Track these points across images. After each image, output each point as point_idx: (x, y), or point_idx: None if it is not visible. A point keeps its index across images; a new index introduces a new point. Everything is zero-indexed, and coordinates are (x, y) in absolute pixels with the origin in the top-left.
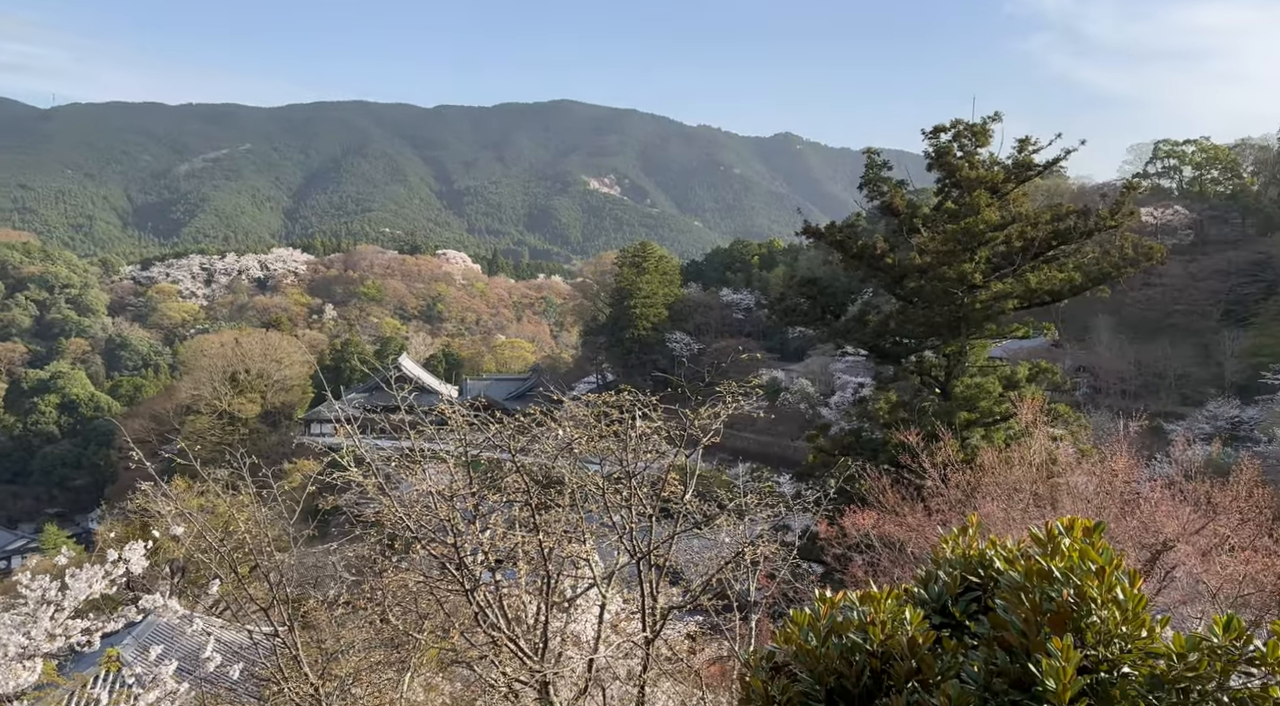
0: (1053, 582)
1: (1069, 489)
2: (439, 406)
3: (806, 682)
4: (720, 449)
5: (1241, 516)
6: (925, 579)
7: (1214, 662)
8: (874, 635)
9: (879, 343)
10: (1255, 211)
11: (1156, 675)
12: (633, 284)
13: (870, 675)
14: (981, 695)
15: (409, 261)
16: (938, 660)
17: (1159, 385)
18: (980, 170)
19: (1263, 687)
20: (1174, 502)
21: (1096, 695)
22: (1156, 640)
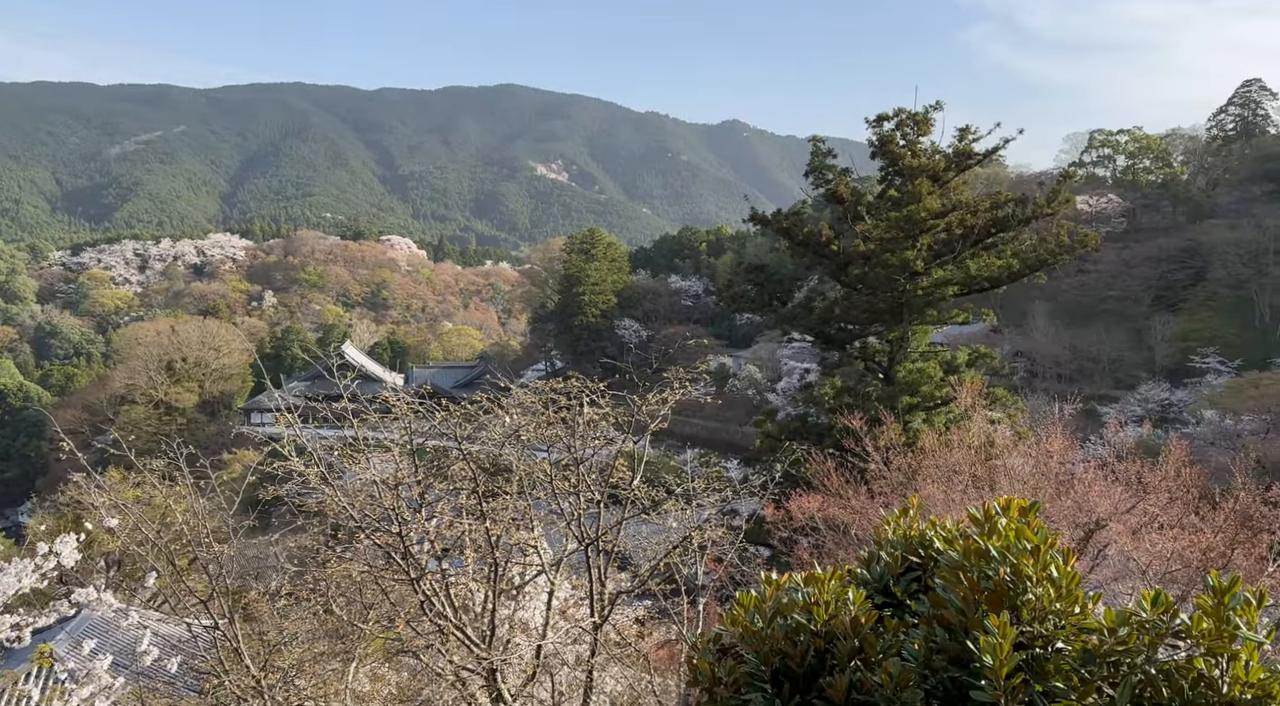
0: (990, 561)
1: (1006, 470)
2: (383, 394)
3: (752, 663)
4: (669, 435)
5: (1170, 495)
6: (868, 560)
7: (1143, 636)
8: (818, 615)
9: (824, 329)
10: (1185, 200)
11: (1089, 649)
12: (581, 271)
13: (814, 655)
14: (922, 672)
15: (352, 247)
16: (880, 639)
17: (1093, 369)
18: (922, 158)
19: (1188, 659)
20: (1106, 483)
21: (1032, 670)
22: (1089, 616)
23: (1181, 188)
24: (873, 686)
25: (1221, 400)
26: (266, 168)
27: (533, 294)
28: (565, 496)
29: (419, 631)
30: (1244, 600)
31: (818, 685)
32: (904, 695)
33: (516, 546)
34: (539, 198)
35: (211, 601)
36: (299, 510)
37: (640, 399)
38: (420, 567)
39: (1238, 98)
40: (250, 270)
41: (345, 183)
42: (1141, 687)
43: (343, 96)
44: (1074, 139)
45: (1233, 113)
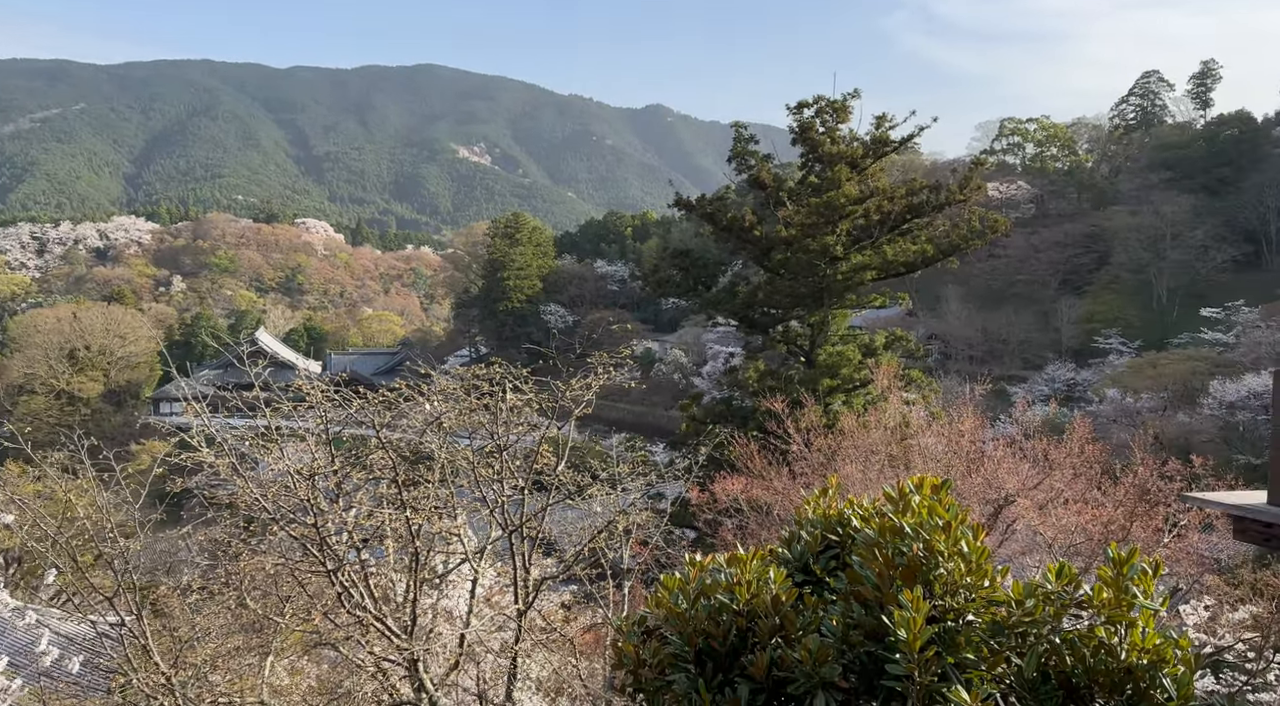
0: (904, 538)
1: (921, 450)
2: (296, 382)
3: (676, 644)
4: (596, 420)
5: (1075, 471)
6: (789, 539)
7: (1048, 608)
8: (740, 595)
9: (748, 313)
10: (1089, 187)
11: (998, 621)
12: (506, 255)
13: (737, 634)
14: (840, 647)
15: (265, 230)
16: (799, 616)
17: (1003, 350)
18: (841, 145)
19: (1089, 628)
20: (1015, 460)
21: (944, 642)
22: (997, 589)
23: (1086, 175)
24: (793, 662)
25: (1123, 379)
26: (173, 148)
27: (456, 279)
28: (489, 484)
29: (337, 623)
30: (1141, 570)
31: (740, 663)
32: (822, 670)
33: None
34: (461, 181)
35: (118, 597)
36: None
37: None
38: (337, 558)
39: (1138, 88)
40: (157, 254)
41: (257, 164)
42: (1047, 656)
43: (253, 74)
44: (985, 127)
45: (1134, 103)
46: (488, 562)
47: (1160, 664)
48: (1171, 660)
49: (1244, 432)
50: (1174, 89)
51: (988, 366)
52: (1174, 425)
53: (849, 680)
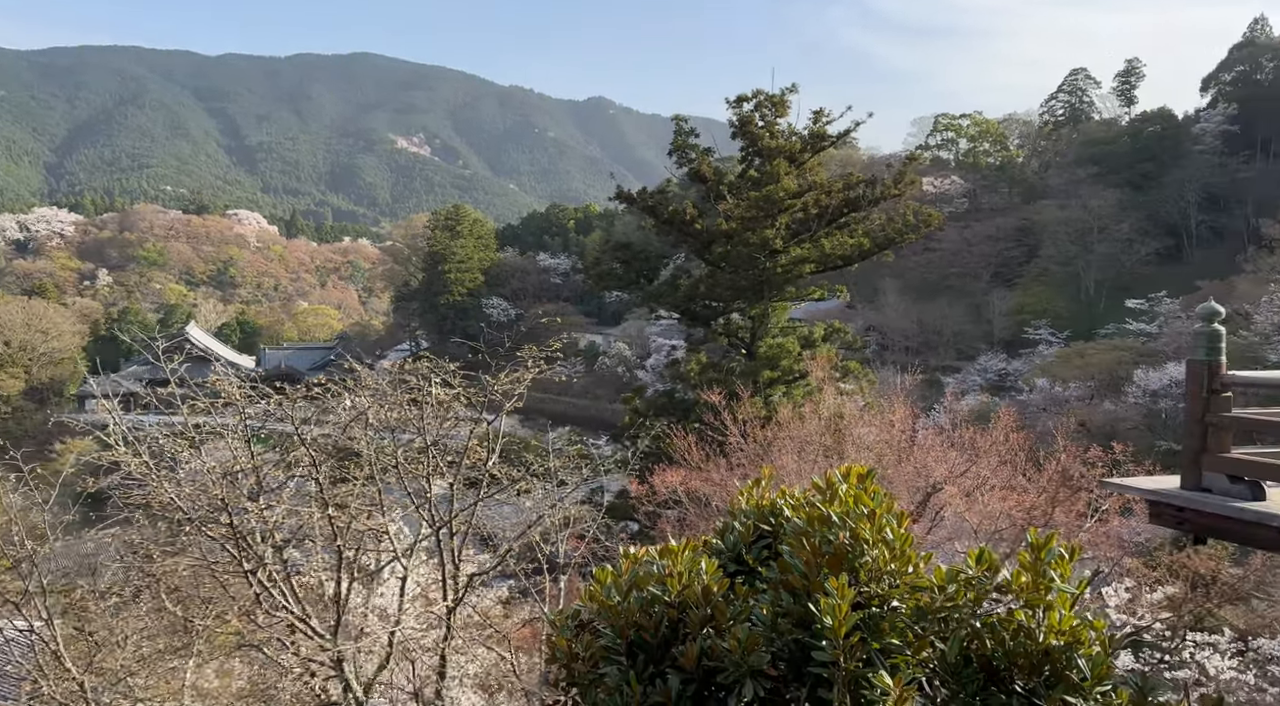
0: (831, 527)
1: (854, 439)
2: (212, 378)
3: (608, 637)
4: (539, 413)
5: (1000, 459)
6: (722, 530)
7: (969, 592)
8: (672, 587)
9: (689, 306)
10: (1020, 182)
11: (921, 607)
12: (446, 248)
13: (668, 625)
14: (768, 635)
15: (195, 222)
16: (730, 606)
17: (938, 341)
18: (780, 140)
19: (1009, 612)
20: (943, 449)
21: (869, 628)
22: (921, 575)
23: (1017, 170)
24: (722, 652)
25: (1052, 369)
26: (98, 137)
27: (395, 272)
28: (417, 479)
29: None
30: (1058, 555)
31: (671, 654)
32: (751, 658)
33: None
34: (400, 171)
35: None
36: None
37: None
38: (258, 558)
39: (1066, 85)
40: (81, 247)
41: (187, 154)
42: (969, 640)
43: (182, 62)
44: (920, 123)
45: (1062, 99)
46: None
47: (1076, 645)
48: (1087, 641)
49: (1166, 419)
50: (1100, 86)
51: (923, 357)
52: (1100, 413)
53: (778, 668)
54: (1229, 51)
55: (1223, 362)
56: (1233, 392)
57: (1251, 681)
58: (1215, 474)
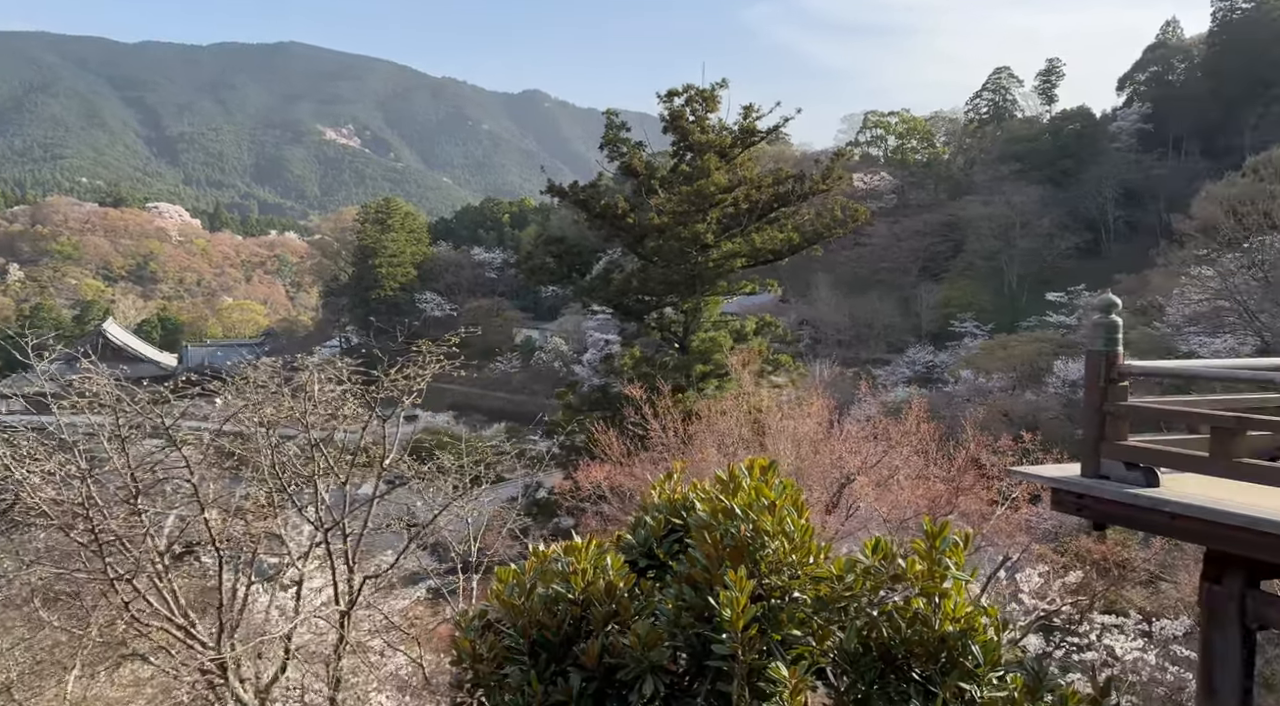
0: (734, 519)
1: (773, 432)
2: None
3: (511, 637)
4: (475, 409)
5: (913, 449)
6: (635, 524)
7: (867, 582)
8: (575, 584)
9: (623, 300)
10: (946, 178)
11: (822, 597)
12: (377, 242)
13: (571, 623)
14: (671, 630)
15: (113, 215)
16: (634, 602)
17: (869, 334)
18: (710, 135)
19: (906, 600)
20: (858, 440)
21: (769, 620)
22: (821, 565)
23: (943, 167)
24: (623, 649)
25: (976, 361)
26: (7, 127)
27: (324, 266)
28: (307, 480)
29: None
30: (953, 543)
31: (573, 652)
32: (652, 654)
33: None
34: (329, 164)
35: None
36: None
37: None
38: (134, 563)
39: (990, 84)
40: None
41: (104, 144)
42: (868, 629)
43: (97, 49)
44: (850, 119)
45: (986, 98)
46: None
47: (971, 632)
48: (981, 628)
49: (1084, 408)
50: (1023, 85)
51: (855, 350)
52: (1023, 403)
53: (680, 662)
54: (1143, 52)
55: (1120, 353)
56: (1130, 382)
57: (1154, 661)
58: (1113, 461)
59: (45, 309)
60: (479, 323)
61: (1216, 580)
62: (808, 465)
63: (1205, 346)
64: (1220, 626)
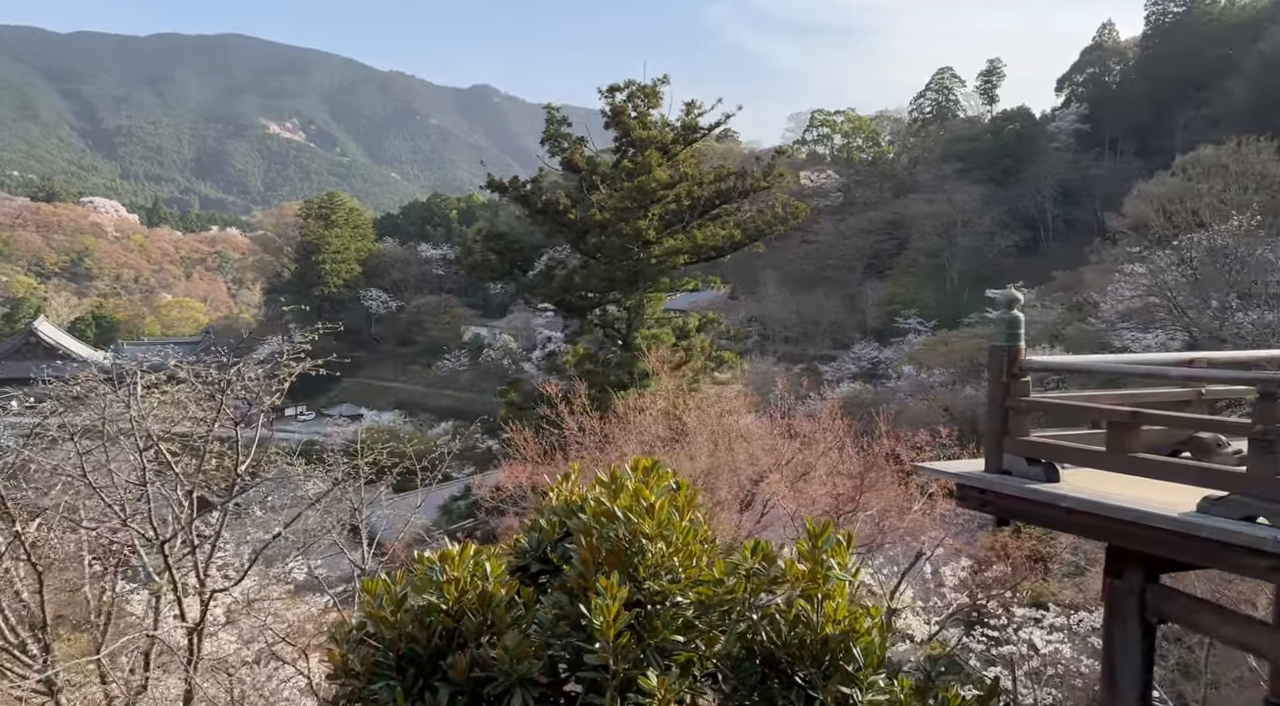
0: (615, 522)
1: (693, 430)
2: None
3: (379, 650)
4: (423, 407)
5: (829, 445)
6: (530, 527)
7: (750, 584)
8: (449, 593)
9: (565, 297)
10: (891, 177)
11: (703, 600)
12: (321, 238)
13: (442, 635)
14: (548, 640)
15: (45, 210)
16: (512, 610)
17: (815, 331)
18: (652, 130)
19: (787, 602)
20: (776, 437)
21: (644, 627)
22: (703, 569)
23: (888, 165)
24: (491, 661)
25: (919, 357)
26: None
27: (267, 263)
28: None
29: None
30: (836, 542)
31: (442, 666)
32: (521, 667)
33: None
34: (273, 158)
35: None
36: None
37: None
38: None
39: (934, 84)
40: None
41: (36, 137)
42: (750, 632)
43: (30, 39)
44: (798, 118)
45: (930, 98)
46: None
47: (853, 634)
48: (863, 629)
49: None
50: (965, 85)
51: (802, 346)
52: (963, 398)
53: (554, 674)
54: (1080, 54)
55: (1021, 348)
56: (1030, 377)
57: (1069, 653)
58: (1014, 456)
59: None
60: (425, 320)
61: (1117, 574)
62: (722, 463)
63: (1137, 341)
64: (1121, 620)
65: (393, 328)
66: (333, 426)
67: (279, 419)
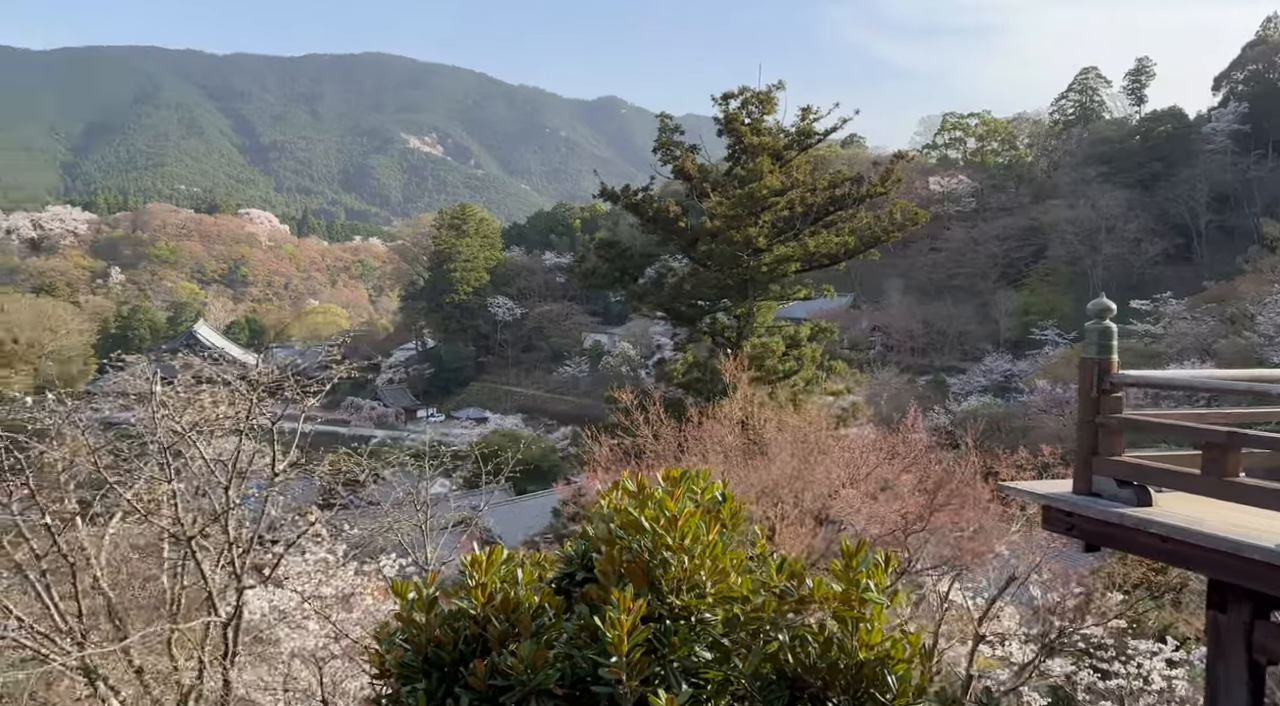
0: (642, 533)
1: (763, 441)
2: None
3: (408, 653)
4: (544, 413)
5: (911, 461)
6: (579, 535)
7: (782, 604)
8: (476, 598)
9: (674, 305)
10: (1028, 181)
11: (732, 617)
12: (452, 247)
13: (469, 640)
14: (569, 651)
15: (207, 221)
16: (537, 619)
17: (943, 342)
18: (765, 137)
19: (819, 624)
20: (860, 450)
21: (662, 642)
22: (732, 586)
23: (1025, 169)
24: (509, 669)
25: (1055, 369)
26: (113, 136)
27: (403, 271)
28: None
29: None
30: (873, 563)
31: (463, 672)
32: (538, 677)
33: None
34: (412, 171)
35: None
36: None
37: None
38: None
39: (1076, 84)
40: (95, 245)
41: (201, 153)
42: (780, 654)
43: (196, 61)
44: (928, 122)
45: (1072, 98)
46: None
47: (888, 660)
48: (899, 655)
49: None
50: (1111, 85)
51: (929, 357)
52: None
53: (579, 686)
54: (1241, 50)
55: (1114, 360)
56: (1125, 392)
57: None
58: (1104, 477)
59: (142, 311)
60: (547, 327)
61: (1221, 608)
62: (798, 474)
63: None
64: (1225, 658)
65: (517, 334)
66: (459, 428)
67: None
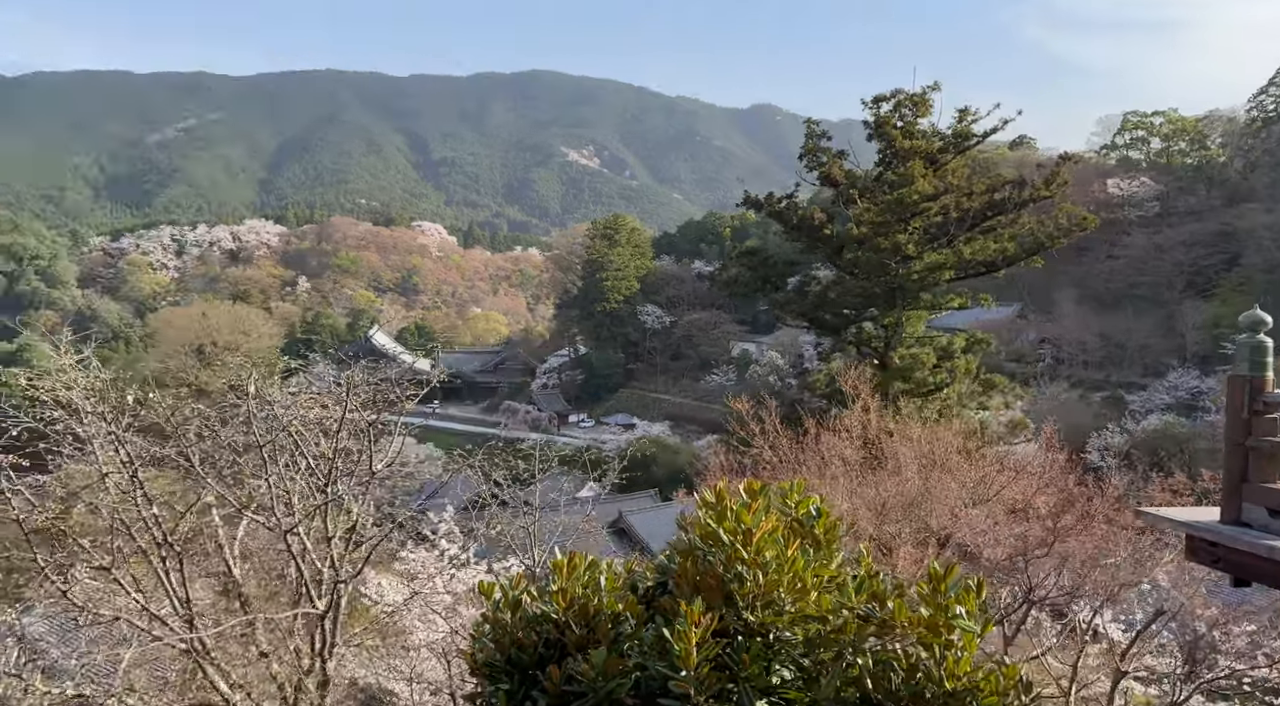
0: (721, 546)
1: (890, 455)
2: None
3: (490, 651)
4: (691, 421)
5: (1042, 481)
6: (674, 545)
7: (867, 626)
8: (558, 603)
9: (818, 314)
10: (1220, 183)
11: (811, 637)
12: (604, 256)
13: (549, 644)
14: (642, 662)
15: (384, 233)
16: (616, 627)
17: (1121, 356)
18: (918, 140)
19: (902, 650)
20: (980, 468)
21: (733, 659)
22: (811, 604)
23: (1217, 170)
24: (581, 676)
25: None
26: (301, 154)
27: (559, 279)
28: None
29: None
30: (963, 587)
31: (540, 676)
32: (610, 685)
33: None
34: (570, 183)
35: None
36: None
37: None
38: None
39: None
40: (284, 255)
41: (379, 169)
42: (859, 677)
43: (374, 83)
44: (1106, 122)
45: (1273, 94)
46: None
47: (975, 691)
48: (991, 688)
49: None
50: None
51: (1104, 372)
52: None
53: (638, 697)
54: None
55: (1269, 378)
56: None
57: None
58: (1255, 506)
59: (324, 317)
60: (695, 335)
61: None
62: (930, 492)
63: None
64: None
65: (665, 342)
66: (608, 434)
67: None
